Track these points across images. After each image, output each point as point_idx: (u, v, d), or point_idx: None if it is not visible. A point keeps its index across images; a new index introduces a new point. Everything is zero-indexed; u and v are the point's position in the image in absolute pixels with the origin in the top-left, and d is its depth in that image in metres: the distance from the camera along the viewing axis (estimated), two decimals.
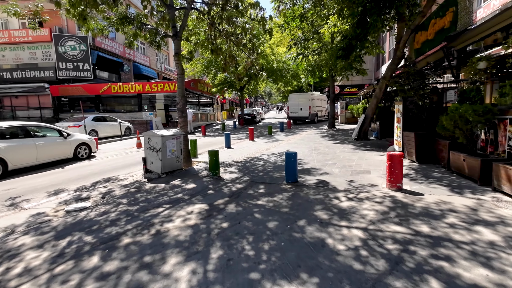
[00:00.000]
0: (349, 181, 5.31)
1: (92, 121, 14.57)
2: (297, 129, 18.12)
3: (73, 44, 21.26)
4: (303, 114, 21.78)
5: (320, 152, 8.78)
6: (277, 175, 6.10)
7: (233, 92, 31.22)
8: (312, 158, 7.86)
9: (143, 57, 29.86)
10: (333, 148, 9.36)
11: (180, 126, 7.52)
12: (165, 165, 6.58)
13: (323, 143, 10.67)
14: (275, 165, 7.22)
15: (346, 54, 10.44)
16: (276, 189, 5.06)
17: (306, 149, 9.41)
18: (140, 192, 5.38)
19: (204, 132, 16.98)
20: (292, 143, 11.16)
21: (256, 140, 12.79)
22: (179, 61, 7.38)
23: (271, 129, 14.98)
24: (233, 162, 7.90)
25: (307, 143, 10.91)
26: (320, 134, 14.08)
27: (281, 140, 12.41)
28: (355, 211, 3.82)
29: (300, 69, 17.62)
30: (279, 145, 10.98)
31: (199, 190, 5.27)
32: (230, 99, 41.24)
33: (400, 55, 9.77)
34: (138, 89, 19.40)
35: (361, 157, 7.58)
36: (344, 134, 13.82)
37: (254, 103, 68.29)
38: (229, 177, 6.20)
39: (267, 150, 9.83)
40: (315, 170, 6.41)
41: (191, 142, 8.88)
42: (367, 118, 10.76)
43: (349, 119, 20.62)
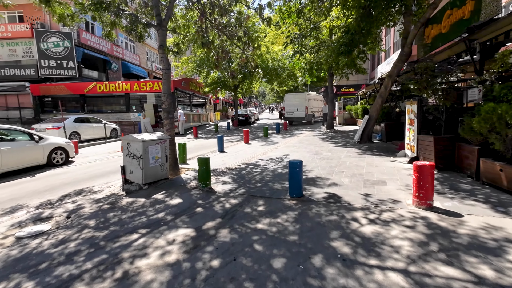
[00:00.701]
0: (365, 195, 4.47)
1: (74, 122, 13.46)
2: (294, 130, 17.31)
3: (56, 40, 20.03)
4: (300, 114, 21.01)
5: (323, 157, 7.96)
6: (278, 187, 5.24)
7: (226, 92, 30.29)
8: (315, 164, 7.02)
9: (132, 55, 28.68)
10: (337, 152, 8.55)
11: (166, 129, 6.59)
12: (147, 175, 5.65)
13: (325, 147, 9.86)
14: (275, 173, 6.35)
15: (348, 50, 9.67)
16: (278, 206, 4.19)
17: (307, 154, 8.57)
18: (114, 210, 4.44)
19: (196, 134, 16.01)
20: (291, 147, 10.32)
21: (251, 143, 11.92)
22: (164, 55, 6.46)
23: (267, 130, 14.12)
24: (226, 169, 7.00)
25: (307, 147, 10.09)
26: (319, 136, 13.29)
27: (278, 143, 11.56)
28: (383, 240, 2.98)
29: (297, 68, 16.82)
30: (277, 148, 10.13)
31: (185, 208, 4.36)
32: (224, 99, 40.27)
33: (408, 51, 9.03)
34: (125, 89, 18.31)
35: (370, 164, 6.78)
36: (345, 136, 13.05)
37: (248, 104, 67.38)
38: (222, 189, 5.31)
39: (264, 154, 8.96)
40: (321, 179, 5.56)
41: (180, 146, 7.95)
42: (371, 119, 10.00)
43: (348, 120, 19.93)
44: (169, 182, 6.00)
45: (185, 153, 8.09)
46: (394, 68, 9.37)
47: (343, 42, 9.66)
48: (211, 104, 31.21)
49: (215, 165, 7.45)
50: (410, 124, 6.77)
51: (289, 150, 9.44)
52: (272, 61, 21.27)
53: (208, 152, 10.21)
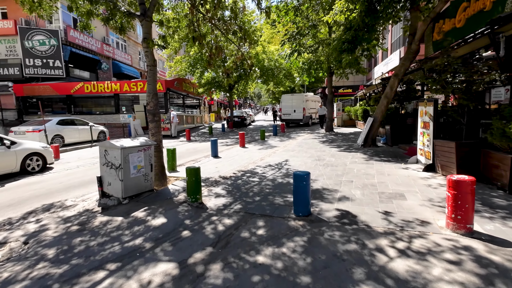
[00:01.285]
0: (384, 214, 3.77)
1: (57, 125, 12.55)
2: (292, 132, 16.62)
3: (42, 38, 19.07)
4: (297, 116, 20.35)
5: (327, 163, 7.25)
6: (280, 201, 4.51)
7: (221, 93, 29.53)
8: (319, 172, 6.31)
9: (124, 55, 27.75)
10: (341, 158, 7.86)
11: (152, 134, 5.81)
12: (128, 187, 4.86)
13: (327, 151, 9.17)
14: (275, 183, 5.62)
15: (352, 47, 9.01)
16: (282, 228, 3.46)
17: (309, 159, 7.87)
18: (82, 234, 3.65)
19: (189, 137, 15.21)
20: (290, 151, 9.61)
21: (247, 147, 11.17)
22: (148, 49, 5.70)
23: (263, 133, 13.40)
24: (220, 178, 6.25)
25: (307, 151, 9.39)
26: (319, 139, 12.61)
27: (276, 147, 10.84)
28: (425, 285, 2.26)
29: (294, 67, 16.16)
30: (275, 153, 9.41)
31: (169, 230, 3.60)
32: (219, 101, 39.44)
33: (415, 49, 8.41)
34: (115, 89, 17.42)
35: (381, 171, 6.10)
36: (346, 139, 12.40)
37: (243, 105, 66.63)
38: (214, 204, 4.55)
39: (262, 160, 8.23)
40: (329, 192, 4.85)
41: (169, 152, 7.18)
42: (376, 122, 9.35)
43: (346, 121, 19.33)
44: (154, 194, 5.22)
45: (175, 160, 7.31)
46: (401, 67, 8.74)
47: (346, 39, 9.01)
48: (206, 105, 30.40)
49: (208, 173, 6.69)
50: (424, 128, 6.12)
51: (289, 155, 8.73)
52: (268, 61, 20.59)
53: (201, 157, 9.44)
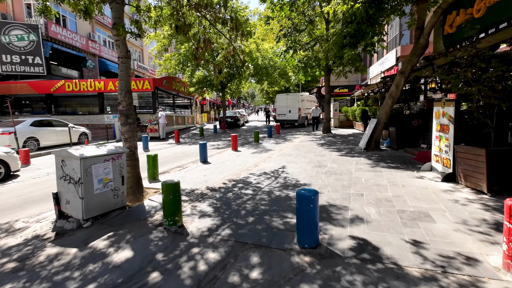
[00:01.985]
0: (414, 244, 2.94)
1: (31, 126, 11.44)
2: (287, 134, 15.81)
3: (21, 33, 17.83)
4: (292, 117, 19.57)
5: (330, 170, 6.43)
6: (279, 223, 3.65)
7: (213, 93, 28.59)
8: (322, 182, 5.49)
9: (111, 52, 26.53)
10: (344, 164, 7.06)
11: (124, 139, 4.88)
12: (90, 207, 3.94)
13: (327, 155, 8.36)
14: (271, 196, 4.77)
15: (354, 41, 8.23)
16: (284, 269, 2.60)
17: (308, 166, 7.04)
18: (16, 277, 2.72)
19: (178, 139, 14.24)
20: (287, 155, 8.77)
21: (240, 150, 10.29)
22: (119, 37, 4.78)
23: (258, 135, 12.53)
24: (208, 190, 5.36)
25: (305, 155, 8.57)
26: (317, 142, 11.82)
27: (271, 150, 9.99)
28: None
29: (290, 65, 15.36)
30: (271, 157, 8.56)
31: (133, 272, 2.70)
32: (211, 100, 38.44)
33: (424, 43, 7.68)
34: (99, 87, 16.32)
35: (393, 181, 5.31)
36: (346, 141, 11.64)
37: (237, 105, 65.65)
38: (197, 227, 3.67)
39: (256, 166, 7.37)
40: (338, 209, 4.02)
41: (149, 158, 6.25)
42: (379, 124, 8.59)
43: (344, 122, 18.63)
44: (125, 213, 4.30)
45: (156, 167, 6.38)
46: (407, 64, 8.00)
47: (348, 32, 8.22)
48: (198, 105, 29.37)
49: (194, 184, 5.79)
50: (441, 131, 5.35)
51: (286, 160, 7.89)
52: (262, 59, 19.76)
53: (189, 162, 8.52)
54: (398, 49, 23.85)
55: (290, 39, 13.07)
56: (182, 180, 6.18)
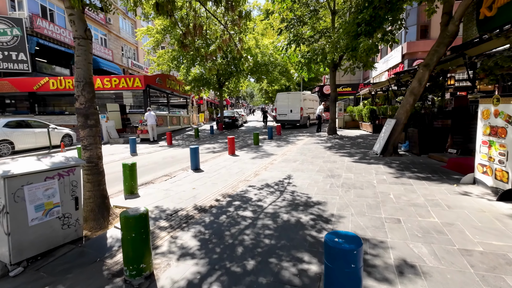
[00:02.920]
0: None
1: (4, 127, 10.25)
2: (289, 135, 14.66)
3: (3, 27, 16.59)
4: (294, 117, 18.42)
5: (346, 182, 5.28)
6: (292, 273, 2.49)
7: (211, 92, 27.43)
8: (340, 199, 4.34)
9: (103, 49, 25.30)
10: (361, 173, 5.91)
11: (83, 146, 3.71)
12: (23, 245, 2.77)
13: (338, 162, 7.21)
14: (278, 223, 3.61)
15: (370, 30, 7.09)
16: None
17: (319, 175, 5.89)
18: None
19: (170, 141, 13.05)
20: (291, 161, 7.62)
21: (238, 155, 9.13)
22: (74, 12, 3.61)
23: (257, 137, 11.36)
24: (196, 211, 4.19)
25: (313, 161, 7.42)
26: (323, 144, 10.67)
27: (273, 155, 8.83)
28: None
29: (293, 61, 14.20)
30: (273, 164, 7.40)
31: None
32: (209, 100, 37.23)
33: (454, 30, 6.53)
34: None
35: (432, 199, 4.16)
36: (355, 144, 10.49)
37: (235, 105, 64.47)
38: (173, 279, 2.51)
39: (257, 176, 6.21)
40: (373, 246, 2.86)
41: (125, 168, 5.09)
42: (398, 125, 7.45)
43: (349, 123, 17.49)
44: (79, 250, 3.13)
45: (135, 179, 5.20)
46: (433, 55, 6.85)
47: (363, 19, 7.07)
48: (194, 105, 28.18)
49: (179, 201, 4.62)
50: (492, 135, 4.20)
51: (291, 168, 6.73)
52: (262, 55, 18.60)
53: (178, 170, 7.36)
54: (404, 46, 22.79)
55: (293, 31, 11.94)
56: (166, 195, 5.02)
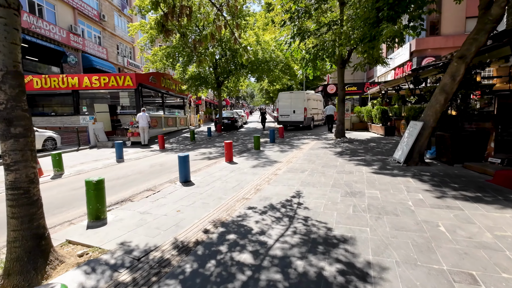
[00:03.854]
0: None
1: None
2: (292, 138, 13.50)
3: None
4: (297, 118, 17.26)
5: (373, 204, 4.11)
6: None
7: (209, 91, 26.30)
8: (372, 233, 3.17)
9: (97, 47, 24.17)
10: (388, 190, 4.74)
11: (6, 165, 2.54)
12: None
13: (355, 172, 6.05)
14: (290, 278, 2.44)
15: (394, 14, 5.92)
16: None
17: (335, 192, 4.72)
18: None
19: (163, 145, 11.90)
20: (299, 171, 6.46)
21: (236, 162, 7.97)
22: None
23: (258, 141, 10.20)
24: (175, 251, 3.02)
25: (324, 171, 6.25)
26: (332, 149, 9.51)
27: (277, 162, 7.67)
28: None
29: (296, 57, 13.05)
30: (277, 174, 6.24)
31: None
32: (208, 100, 36.06)
33: (499, 13, 5.35)
34: (72, 84, 13.99)
35: (502, 235, 3.00)
36: (368, 149, 9.32)
37: (235, 105, 63.33)
38: None
39: (258, 191, 5.05)
40: None
41: (89, 186, 3.91)
42: (426, 128, 6.28)
43: (356, 124, 16.31)
44: None
45: (102, 200, 4.03)
46: (470, 45, 5.68)
47: (385, 2, 5.90)
48: (192, 105, 27.04)
49: (156, 232, 3.46)
50: None
51: (299, 181, 5.57)
52: (263, 52, 17.46)
53: (165, 182, 6.21)
54: (413, 42, 21.62)
55: (297, 24, 10.80)
56: (141, 221, 3.86)
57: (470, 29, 22.02)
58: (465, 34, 21.00)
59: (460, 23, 20.70)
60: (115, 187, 6.06)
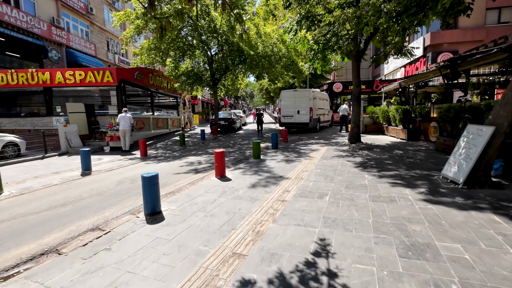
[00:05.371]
0: None
1: None
2: (298, 142, 11.60)
3: None
4: (302, 119, 15.38)
5: (464, 277, 2.24)
6: None
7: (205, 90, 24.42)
8: None
9: (84, 42, 22.31)
10: (477, 242, 2.86)
11: None
12: None
13: (400, 201, 4.15)
14: None
15: None
16: None
17: (387, 246, 2.83)
18: None
19: (145, 151, 10.00)
20: (316, 196, 4.57)
21: (230, 177, 6.08)
22: None
23: (258, 148, 8.29)
24: None
25: (354, 199, 4.37)
26: (350, 159, 7.62)
27: (283, 179, 5.77)
28: None
29: (302, 49, 11.18)
30: (285, 201, 4.35)
31: None
32: (204, 100, 34.14)
33: None
34: (43, 80, 12.10)
35: None
36: (396, 159, 7.42)
37: (235, 105, 61.41)
38: None
39: (258, 236, 3.16)
40: None
41: None
42: (498, 136, 4.40)
43: (369, 126, 14.40)
44: None
45: None
46: None
47: None
48: (187, 105, 25.13)
49: None
50: None
51: (319, 214, 3.69)
52: (264, 46, 15.59)
53: (124, 214, 4.32)
54: (427, 36, 19.72)
55: (306, 7, 8.94)
56: None
57: (491, 21, 19.86)
58: (485, 27, 19.18)
59: (479, 15, 18.83)
60: (49, 222, 4.18)
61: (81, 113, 11.84)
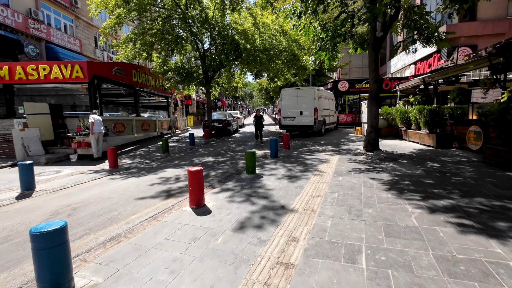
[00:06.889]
0: None
1: None
2: (302, 149, 9.74)
3: None
4: (305, 121, 13.53)
5: None
6: None
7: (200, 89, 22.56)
8: None
9: (68, 38, 20.49)
10: None
11: None
12: None
13: (501, 274, 2.32)
14: None
15: None
16: None
17: None
18: None
19: (115, 162, 8.13)
20: (343, 254, 2.73)
21: (210, 208, 4.21)
22: None
23: (253, 159, 6.43)
24: None
25: (412, 266, 2.52)
26: (374, 175, 5.76)
27: (286, 212, 3.91)
28: None
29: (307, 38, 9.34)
30: (289, 264, 2.49)
31: None
32: (199, 100, 32.25)
33: None
34: (1, 76, 10.25)
35: None
36: (438, 176, 5.56)
37: (234, 106, 59.52)
38: None
39: None
40: None
41: None
42: None
43: (384, 129, 12.51)
44: None
45: None
46: None
47: None
48: (180, 105, 23.26)
49: None
50: None
51: None
52: (262, 39, 13.75)
53: None
54: (442, 29, 17.97)
55: None
56: None
57: None
58: (508, 18, 17.38)
59: (501, 5, 17.01)
60: None
61: (45, 115, 9.98)
